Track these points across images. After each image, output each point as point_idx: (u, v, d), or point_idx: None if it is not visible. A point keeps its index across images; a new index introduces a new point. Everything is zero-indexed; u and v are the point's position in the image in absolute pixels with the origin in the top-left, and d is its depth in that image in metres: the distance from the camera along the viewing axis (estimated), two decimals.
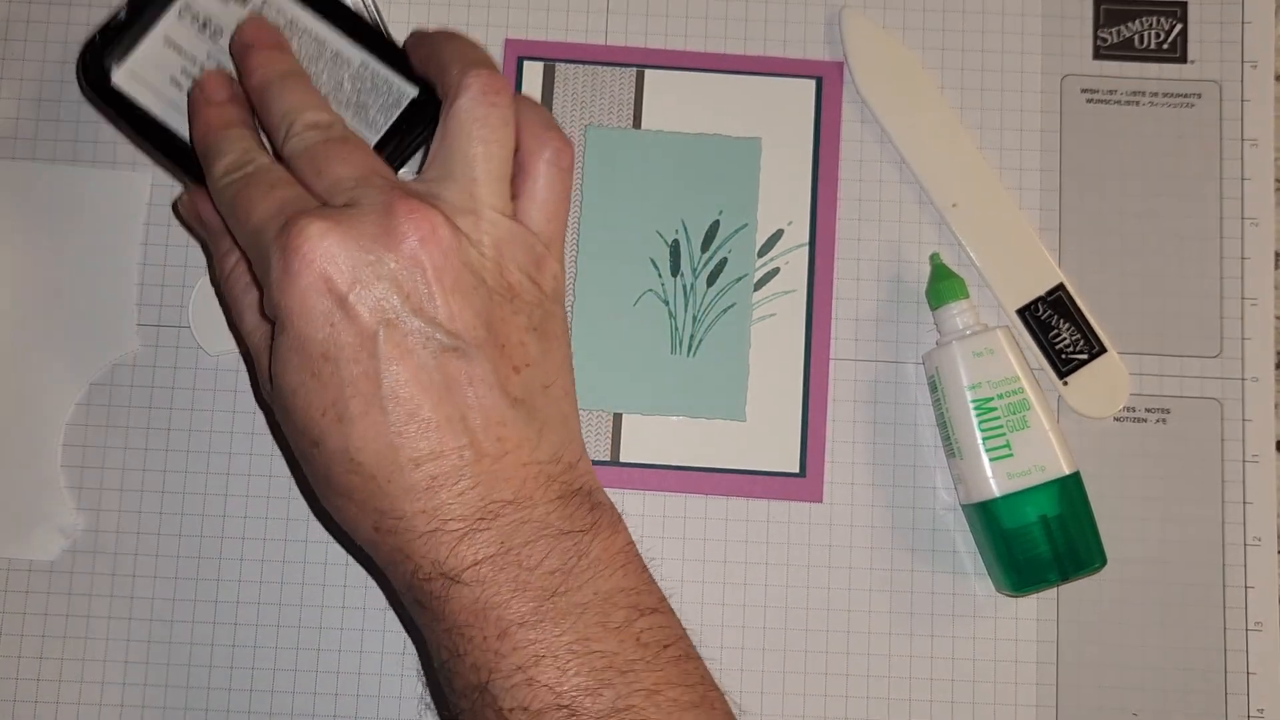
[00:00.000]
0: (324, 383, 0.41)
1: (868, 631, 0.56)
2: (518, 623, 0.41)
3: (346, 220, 0.41)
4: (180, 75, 0.51)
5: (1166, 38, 0.59)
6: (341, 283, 0.41)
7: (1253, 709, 0.55)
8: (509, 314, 0.43)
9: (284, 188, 0.44)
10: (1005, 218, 0.58)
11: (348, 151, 0.45)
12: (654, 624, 0.43)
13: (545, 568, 0.42)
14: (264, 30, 0.50)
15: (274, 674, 0.55)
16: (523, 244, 0.45)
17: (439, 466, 0.41)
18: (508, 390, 0.43)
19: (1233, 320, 0.58)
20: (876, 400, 0.57)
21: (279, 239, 0.41)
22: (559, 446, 0.44)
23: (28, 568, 0.56)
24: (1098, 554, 0.53)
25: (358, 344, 0.41)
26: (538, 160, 0.46)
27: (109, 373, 0.57)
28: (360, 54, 0.51)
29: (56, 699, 0.55)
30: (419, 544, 0.42)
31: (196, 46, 0.52)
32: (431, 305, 0.42)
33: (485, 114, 0.44)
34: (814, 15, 0.59)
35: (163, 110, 0.51)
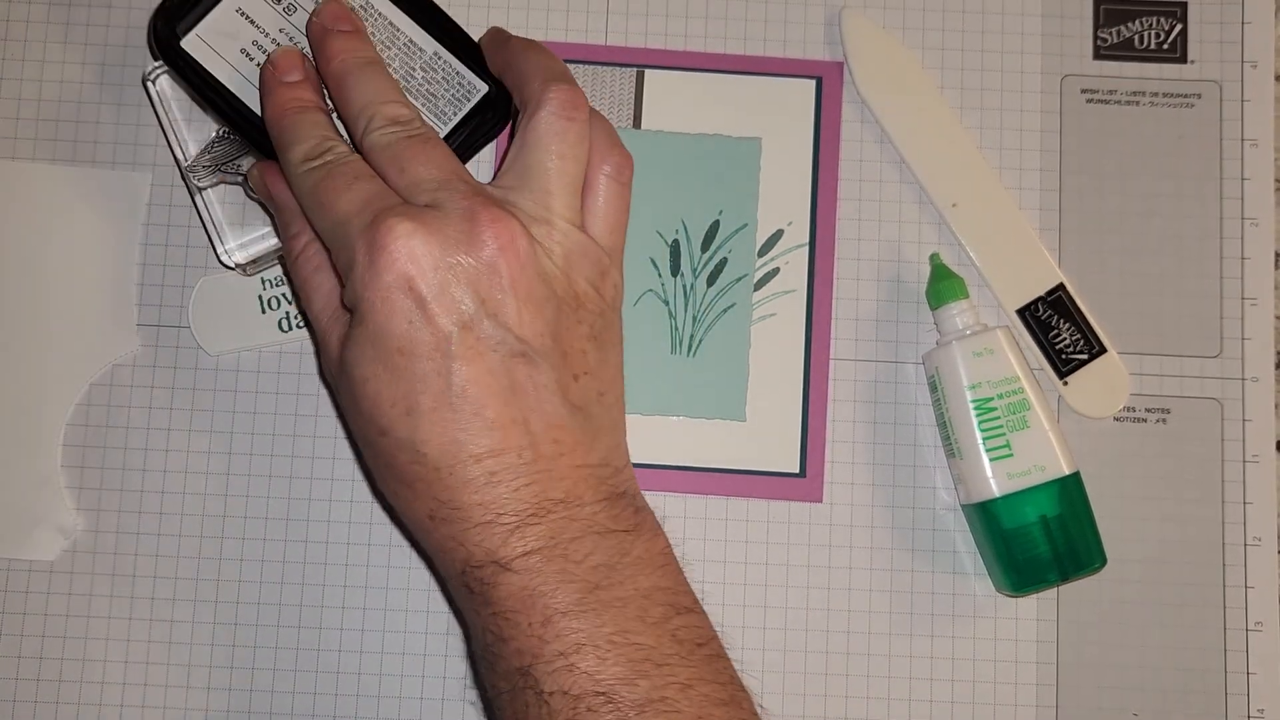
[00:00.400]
0: (397, 376, 0.43)
1: (868, 631, 0.56)
2: (562, 611, 0.43)
3: (432, 222, 0.43)
4: (251, 47, 0.51)
5: (1166, 38, 0.59)
6: (423, 284, 0.42)
7: (1253, 709, 0.55)
8: (573, 323, 0.45)
9: (366, 181, 0.45)
10: (1005, 218, 0.58)
11: (430, 151, 0.46)
12: (689, 623, 0.45)
13: (590, 562, 0.43)
14: (343, 14, 0.50)
15: (274, 674, 0.55)
16: (590, 255, 0.46)
17: (499, 463, 0.43)
18: (568, 396, 0.45)
19: (1233, 320, 0.58)
20: (876, 400, 0.57)
21: (365, 234, 0.43)
22: (609, 451, 0.46)
23: (28, 568, 0.56)
24: (1098, 554, 0.53)
25: (433, 343, 0.43)
26: (599, 174, 0.48)
27: (109, 373, 0.57)
28: (433, 44, 0.51)
29: (56, 699, 0.55)
30: (474, 533, 0.43)
31: (269, 19, 0.51)
32: (505, 312, 0.43)
33: (564, 129, 0.46)
34: (814, 15, 0.59)
35: (232, 80, 0.51)
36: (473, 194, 0.44)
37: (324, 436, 0.57)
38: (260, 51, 0.51)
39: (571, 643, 0.42)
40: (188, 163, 0.56)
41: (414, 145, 0.46)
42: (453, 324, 0.43)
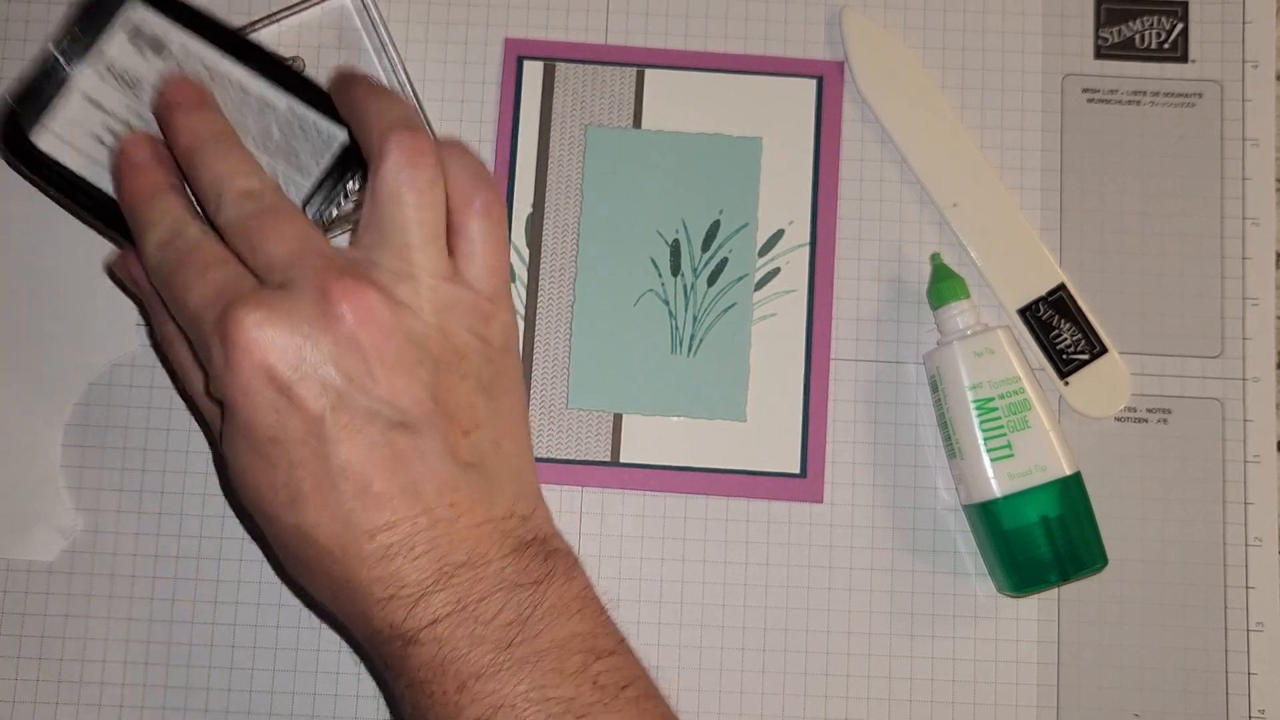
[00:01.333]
0: (273, 465, 0.42)
1: (868, 632, 0.56)
2: (475, 675, 0.42)
3: (282, 306, 0.41)
4: (104, 133, 0.50)
5: (1167, 37, 0.59)
6: (283, 371, 0.41)
7: (1254, 710, 0.55)
8: (456, 380, 0.44)
9: (217, 268, 0.43)
10: (1006, 217, 0.58)
11: (280, 225, 0.44)
12: (611, 665, 0.44)
13: (501, 620, 0.42)
14: (186, 89, 0.48)
15: (274, 674, 0.55)
16: (466, 305, 0.44)
17: (393, 535, 0.42)
18: (458, 456, 0.43)
19: (1234, 320, 0.58)
20: (877, 400, 0.57)
21: (218, 329, 0.41)
22: (512, 501, 0.45)
23: (28, 568, 0.56)
24: (1099, 554, 0.53)
25: (304, 428, 0.41)
26: (468, 215, 0.45)
27: (109, 373, 0.57)
28: (286, 99, 0.49)
29: (56, 699, 0.55)
30: (376, 609, 0.42)
31: (117, 103, 0.50)
32: (375, 384, 0.42)
33: (411, 178, 0.44)
34: (814, 15, 0.59)
35: (89, 170, 0.50)
36: (325, 268, 0.42)
37: None
38: (113, 137, 0.50)
39: (488, 705, 0.41)
40: None
41: (263, 221, 0.44)
42: (322, 406, 0.41)
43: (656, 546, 0.56)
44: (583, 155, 0.58)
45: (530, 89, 0.58)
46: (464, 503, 0.43)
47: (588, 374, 0.57)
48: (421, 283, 0.43)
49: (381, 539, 0.42)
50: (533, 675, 0.42)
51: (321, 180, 0.49)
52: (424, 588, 0.42)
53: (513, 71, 0.58)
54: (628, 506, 0.56)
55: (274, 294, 0.42)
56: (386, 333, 0.42)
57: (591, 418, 0.57)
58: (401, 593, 0.42)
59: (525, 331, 0.57)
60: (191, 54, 0.49)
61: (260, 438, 0.42)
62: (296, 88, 0.49)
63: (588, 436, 0.56)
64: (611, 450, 0.56)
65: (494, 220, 0.46)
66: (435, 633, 0.42)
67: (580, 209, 0.58)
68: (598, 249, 0.58)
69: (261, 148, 0.49)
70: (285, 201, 0.45)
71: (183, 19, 0.50)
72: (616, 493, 0.56)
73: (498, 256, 0.46)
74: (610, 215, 0.58)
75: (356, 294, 0.42)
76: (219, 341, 0.41)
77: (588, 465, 0.56)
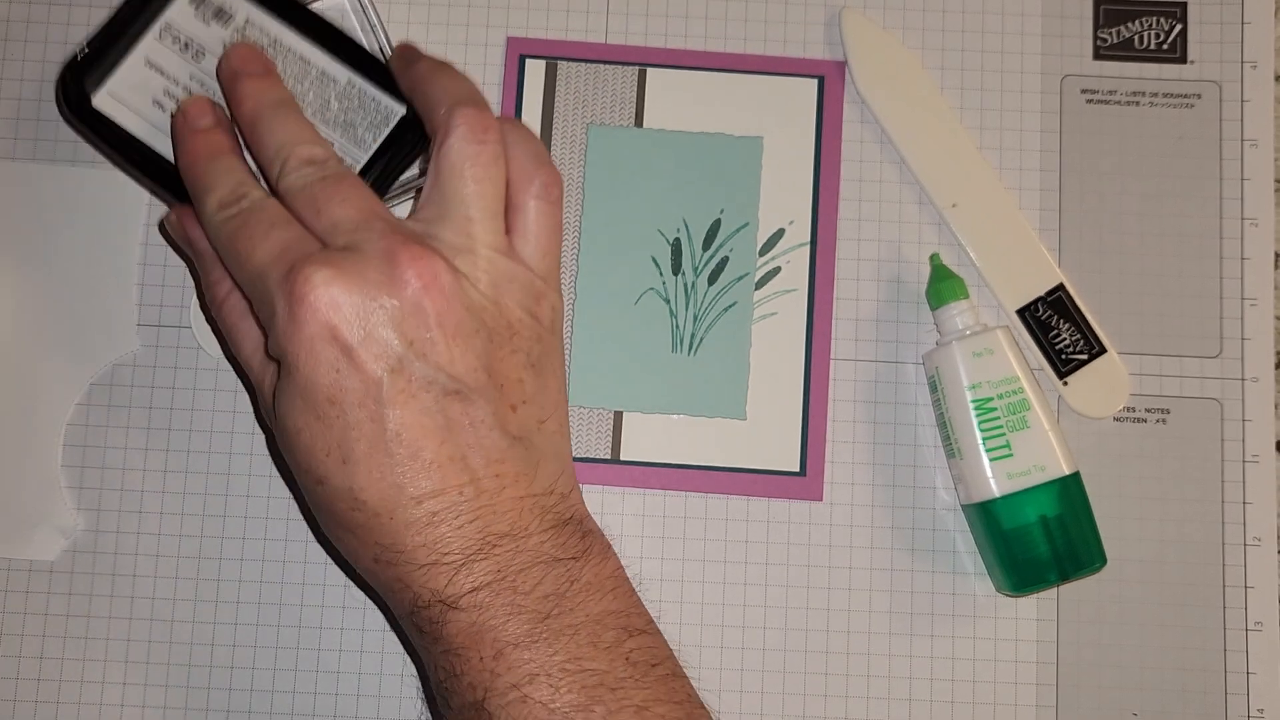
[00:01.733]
0: (329, 425, 0.42)
1: (867, 631, 0.56)
2: (513, 644, 0.42)
3: (350, 267, 0.42)
4: (163, 96, 0.51)
5: (1166, 38, 0.59)
6: (347, 331, 0.42)
7: (1253, 709, 0.55)
8: (507, 353, 0.44)
9: (282, 228, 0.44)
10: (1005, 218, 0.58)
11: (346, 191, 0.45)
12: (642, 644, 0.45)
13: (539, 592, 0.43)
14: (252, 56, 0.49)
15: (274, 674, 0.55)
16: (520, 281, 0.45)
17: (440, 503, 0.43)
18: (506, 428, 0.44)
19: (1233, 320, 0.58)
20: (876, 400, 0.57)
21: (284, 285, 0.42)
22: (553, 479, 0.45)
23: (28, 568, 0.56)
24: (1098, 554, 0.53)
25: (363, 389, 0.42)
26: (526, 195, 0.46)
27: (109, 373, 0.57)
28: (346, 72, 0.51)
29: (56, 699, 0.55)
30: (418, 575, 0.43)
31: (178, 68, 0.51)
32: (434, 351, 0.42)
33: (476, 153, 0.45)
34: (814, 15, 0.59)
35: (145, 132, 0.51)
36: (391, 232, 0.43)
37: None
38: (172, 100, 0.51)
39: (524, 674, 0.42)
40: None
41: (329, 186, 0.45)
42: (382, 369, 0.42)
43: (656, 544, 0.56)
44: (584, 154, 0.58)
45: (532, 88, 0.58)
46: (509, 475, 0.44)
47: (588, 372, 0.57)
48: (480, 255, 0.44)
49: (428, 505, 0.42)
50: (569, 647, 0.43)
51: (377, 154, 0.50)
52: (467, 555, 0.43)
53: (514, 70, 0.59)
54: (628, 504, 0.56)
55: (342, 254, 0.43)
56: (449, 300, 0.43)
57: (592, 415, 0.57)
58: (445, 559, 0.43)
59: None
60: (254, 23, 0.51)
61: (318, 397, 0.42)
62: (357, 61, 0.51)
63: (588, 434, 0.56)
64: (612, 448, 0.56)
65: (551, 201, 0.47)
66: (475, 600, 0.43)
67: (582, 207, 0.58)
68: (599, 247, 0.58)
69: (319, 119, 0.50)
70: (348, 170, 0.46)
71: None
72: (616, 490, 0.56)
73: (552, 238, 0.47)
74: (611, 214, 0.58)
75: (423, 260, 0.42)
76: (284, 297, 0.42)
77: (588, 463, 0.56)
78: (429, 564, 0.43)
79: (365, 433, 0.42)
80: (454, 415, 0.43)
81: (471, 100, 0.46)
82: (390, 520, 0.43)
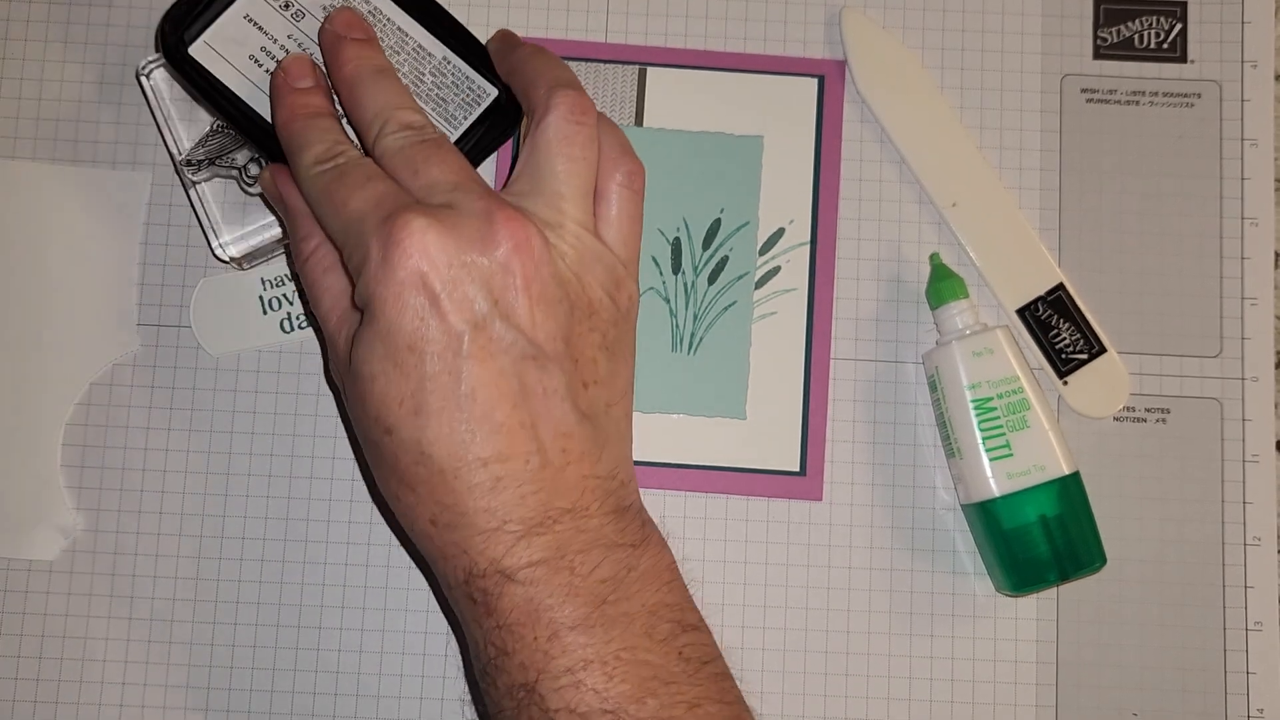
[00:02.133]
0: (406, 374, 0.42)
1: (867, 631, 0.56)
2: (569, 626, 0.42)
3: (448, 220, 0.43)
4: (260, 53, 0.51)
5: (1166, 37, 0.59)
6: (436, 281, 0.42)
7: (1253, 709, 0.55)
8: (586, 330, 0.45)
9: (380, 181, 0.45)
10: (1005, 217, 0.58)
11: (444, 154, 0.46)
12: (695, 640, 0.45)
13: (597, 576, 0.43)
14: (355, 21, 0.50)
15: (274, 674, 0.55)
16: (604, 262, 0.46)
17: (506, 469, 0.43)
18: (577, 404, 0.44)
19: (1233, 320, 0.58)
20: (876, 400, 0.57)
21: (381, 229, 0.43)
22: (616, 463, 0.46)
23: (28, 568, 0.56)
24: (1097, 554, 0.53)
25: (444, 341, 0.42)
26: (610, 183, 0.48)
27: (109, 373, 0.57)
28: (442, 49, 0.52)
29: (56, 699, 0.55)
30: (478, 540, 0.43)
31: (277, 26, 0.52)
32: (517, 313, 0.43)
33: (573, 133, 0.46)
34: (814, 15, 0.59)
35: (240, 86, 0.51)
36: (487, 195, 0.44)
37: (324, 436, 0.57)
38: (268, 57, 0.51)
39: (579, 659, 0.42)
40: (182, 156, 0.56)
41: (427, 149, 0.46)
42: (465, 323, 0.42)
43: None
44: None
45: None
46: (575, 451, 0.44)
47: None
48: (569, 231, 0.45)
49: (494, 469, 0.42)
50: (625, 636, 0.43)
51: (467, 132, 0.51)
52: (528, 526, 0.43)
53: None
54: None
55: (440, 208, 0.43)
56: (537, 266, 0.43)
57: None
58: (505, 527, 0.43)
59: None
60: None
61: (399, 343, 0.42)
62: (454, 39, 0.52)
63: None
64: None
65: (635, 191, 0.48)
66: (533, 574, 0.42)
67: None
68: None
69: (412, 91, 0.51)
70: (444, 136, 0.47)
71: None
72: None
73: (634, 225, 0.48)
74: None
75: (517, 223, 0.43)
76: (380, 241, 0.42)
77: None
78: (489, 530, 0.43)
79: (440, 385, 0.42)
80: (529, 381, 0.43)
81: (571, 83, 0.48)
82: (454, 479, 0.42)
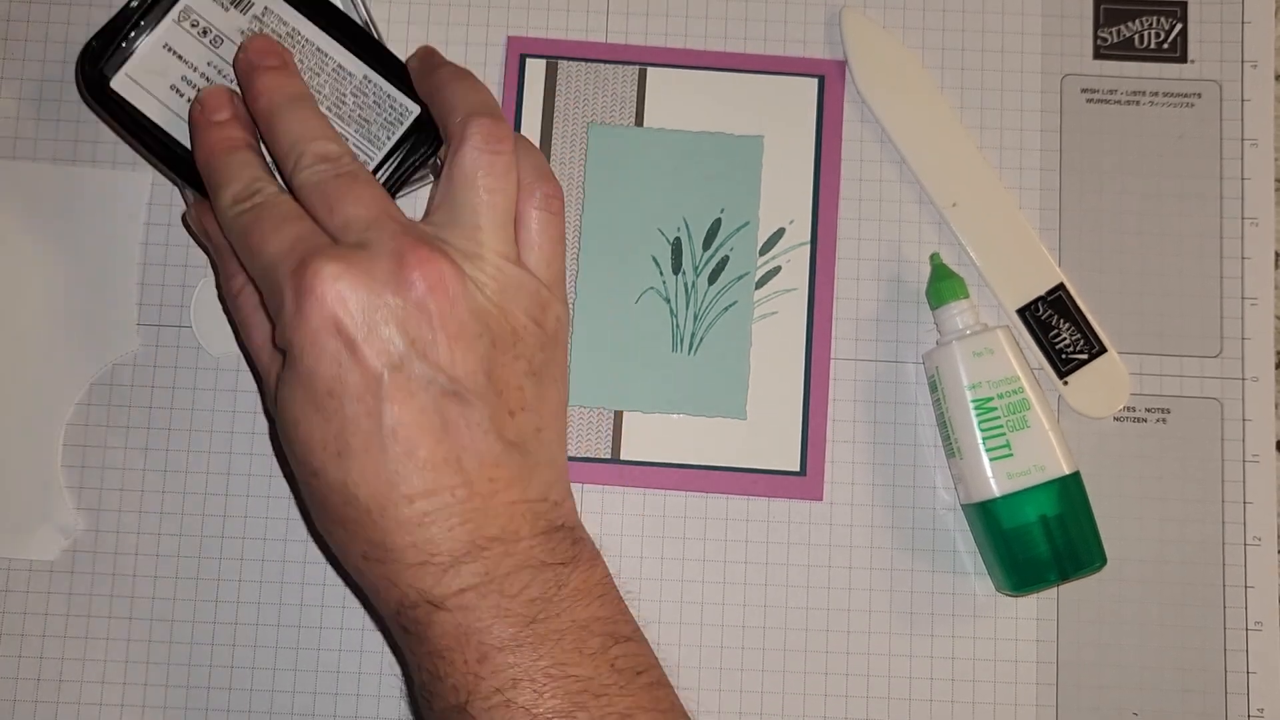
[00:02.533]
0: (327, 418, 0.43)
1: (867, 631, 0.56)
2: (497, 647, 0.43)
3: (360, 263, 0.43)
4: (180, 83, 0.51)
5: (1166, 37, 0.60)
6: (351, 325, 0.42)
7: (1253, 709, 0.55)
8: (510, 359, 0.45)
9: (295, 222, 0.45)
10: (1005, 217, 0.58)
11: (359, 189, 0.45)
12: (628, 651, 0.45)
13: (526, 596, 0.43)
14: (269, 48, 0.50)
15: (274, 674, 0.55)
16: (526, 289, 0.46)
17: (432, 503, 0.43)
18: (503, 434, 0.44)
19: (1233, 320, 0.58)
20: (876, 400, 0.57)
21: (293, 278, 0.43)
22: (547, 486, 0.46)
23: (28, 568, 0.56)
24: (1098, 554, 0.53)
25: (363, 384, 0.42)
26: (529, 206, 0.47)
27: (109, 373, 0.57)
28: (362, 68, 0.51)
29: (56, 699, 0.55)
30: (407, 574, 0.43)
31: (197, 54, 0.51)
32: (435, 351, 0.43)
33: (489, 162, 0.46)
34: (814, 15, 0.59)
35: (163, 117, 0.51)
36: (402, 233, 0.44)
37: None
38: (190, 87, 0.51)
39: (508, 678, 0.43)
40: None
41: (343, 184, 0.46)
42: (382, 365, 0.42)
43: (656, 544, 0.56)
44: (584, 154, 0.58)
45: (533, 87, 0.58)
46: (502, 479, 0.44)
47: (589, 371, 0.57)
48: (488, 261, 0.45)
49: (420, 505, 0.43)
50: (554, 652, 0.43)
51: (391, 152, 0.51)
52: (456, 557, 0.43)
53: (515, 70, 0.59)
54: (628, 504, 0.56)
55: (352, 250, 0.43)
56: (454, 303, 0.43)
57: (592, 415, 0.57)
58: (434, 559, 0.43)
59: None
60: (273, 11, 0.51)
61: (319, 389, 0.43)
62: (374, 57, 0.51)
63: (588, 433, 0.56)
64: (612, 447, 0.56)
65: (554, 213, 0.48)
66: (462, 601, 0.43)
67: (582, 207, 0.58)
68: (599, 246, 0.58)
69: (334, 113, 0.50)
70: (362, 167, 0.47)
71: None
72: (617, 490, 0.56)
73: (555, 247, 0.48)
74: (612, 213, 0.58)
75: (430, 263, 0.43)
76: (293, 289, 0.43)
77: (588, 462, 0.56)
78: (418, 564, 0.43)
79: (362, 427, 0.42)
80: (451, 416, 0.43)
81: (488, 110, 0.47)
82: (382, 517, 0.43)
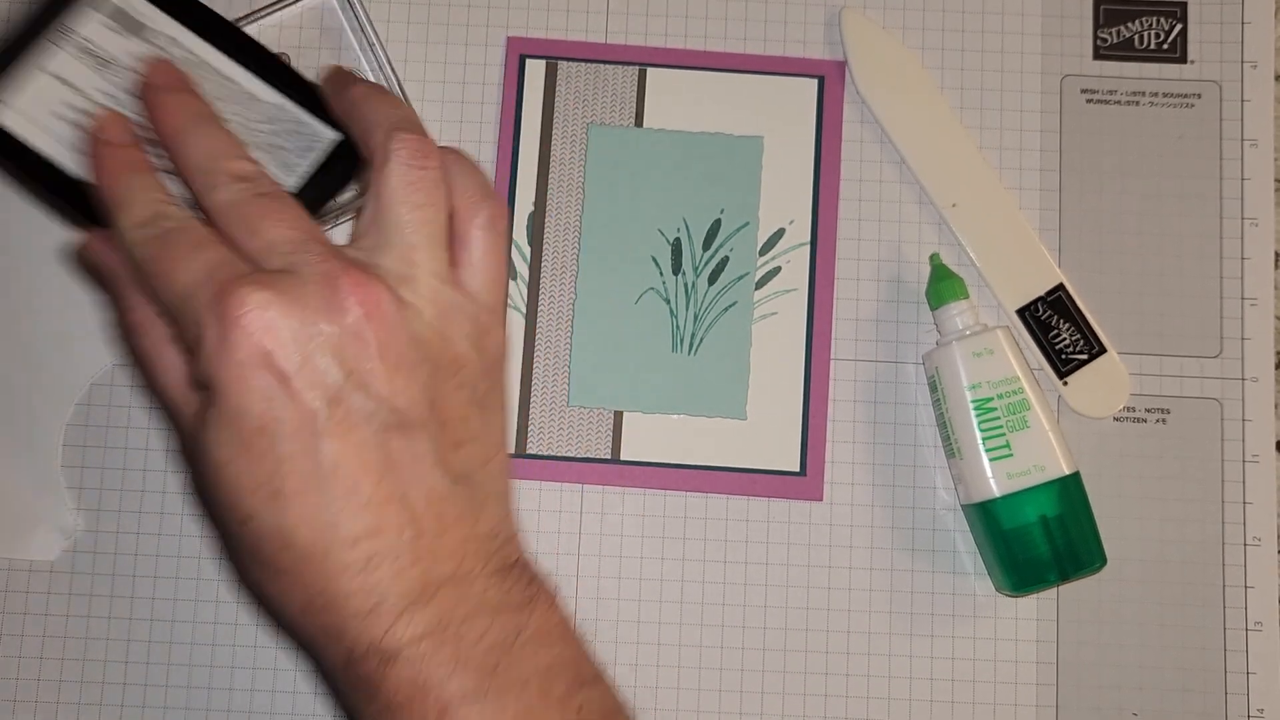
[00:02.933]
0: (258, 458, 0.39)
1: (868, 631, 0.56)
2: (460, 699, 0.39)
3: (288, 289, 0.39)
4: (72, 112, 0.47)
5: (1166, 38, 0.60)
6: (282, 357, 0.39)
7: (1253, 709, 0.55)
8: (453, 389, 0.42)
9: (210, 248, 0.41)
10: (1005, 218, 0.58)
11: (281, 210, 0.42)
12: (595, 695, 0.42)
13: (486, 643, 0.40)
14: (169, 71, 0.47)
15: (274, 674, 0.55)
16: (466, 312, 0.43)
17: (378, 545, 0.40)
18: (449, 467, 0.41)
19: (1233, 320, 0.58)
20: (876, 400, 0.57)
21: (214, 306, 0.39)
22: (497, 521, 0.43)
23: (28, 568, 0.56)
24: (1097, 554, 0.53)
25: (298, 421, 0.39)
26: (472, 226, 0.44)
27: (109, 372, 0.57)
28: (272, 93, 0.48)
29: (56, 699, 0.55)
30: (354, 623, 0.40)
31: (88, 82, 0.47)
32: (375, 381, 0.40)
33: (416, 179, 0.43)
34: (814, 15, 0.59)
35: (56, 150, 0.47)
36: (330, 256, 0.41)
37: None
38: (84, 116, 0.47)
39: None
40: None
41: (264, 204, 0.42)
42: (319, 399, 0.39)
43: (656, 544, 0.56)
44: (584, 154, 0.58)
45: (532, 88, 0.58)
46: (451, 516, 0.41)
47: (588, 372, 0.57)
48: (424, 284, 0.42)
49: (365, 547, 0.39)
50: (519, 701, 0.40)
51: (307, 179, 0.48)
52: (409, 601, 0.40)
53: (515, 70, 0.59)
54: (628, 504, 0.56)
55: (278, 276, 0.40)
56: (391, 330, 0.40)
57: (592, 415, 0.57)
58: (383, 606, 0.40)
59: (526, 329, 0.57)
60: (177, 40, 0.48)
61: (248, 427, 0.39)
62: (284, 83, 0.48)
63: (588, 434, 0.56)
64: (612, 448, 0.56)
65: (498, 233, 0.45)
66: (417, 651, 0.39)
67: (582, 207, 0.58)
68: (599, 247, 0.58)
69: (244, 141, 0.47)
70: (280, 189, 0.43)
71: (167, 4, 0.48)
72: (617, 490, 0.56)
73: (498, 270, 0.45)
74: (612, 213, 0.58)
75: (365, 287, 0.40)
76: (215, 319, 0.39)
77: (588, 463, 0.56)
78: (365, 611, 0.39)
79: (298, 467, 0.39)
80: (394, 450, 0.40)
81: (410, 125, 0.44)
82: (324, 562, 0.39)
